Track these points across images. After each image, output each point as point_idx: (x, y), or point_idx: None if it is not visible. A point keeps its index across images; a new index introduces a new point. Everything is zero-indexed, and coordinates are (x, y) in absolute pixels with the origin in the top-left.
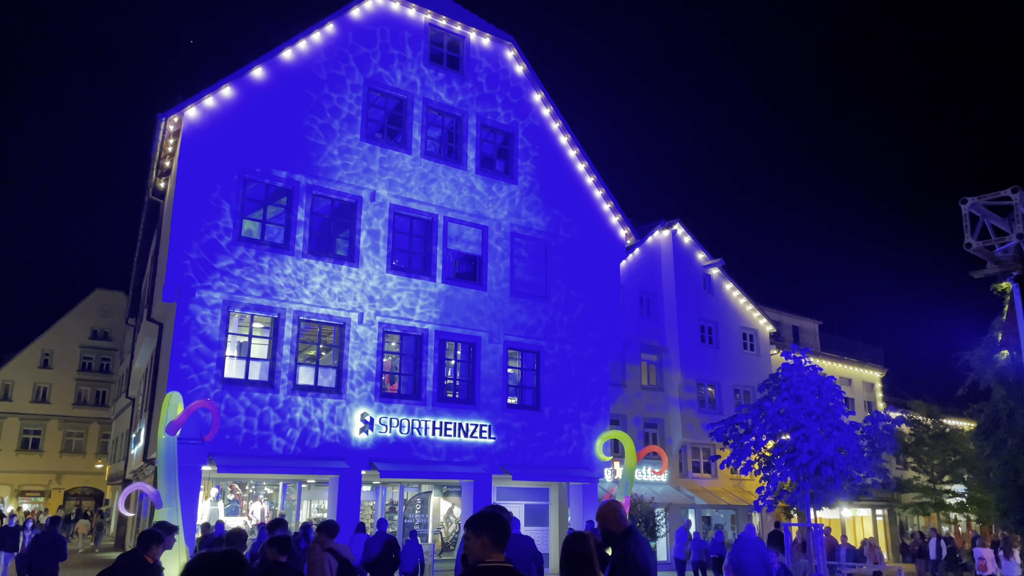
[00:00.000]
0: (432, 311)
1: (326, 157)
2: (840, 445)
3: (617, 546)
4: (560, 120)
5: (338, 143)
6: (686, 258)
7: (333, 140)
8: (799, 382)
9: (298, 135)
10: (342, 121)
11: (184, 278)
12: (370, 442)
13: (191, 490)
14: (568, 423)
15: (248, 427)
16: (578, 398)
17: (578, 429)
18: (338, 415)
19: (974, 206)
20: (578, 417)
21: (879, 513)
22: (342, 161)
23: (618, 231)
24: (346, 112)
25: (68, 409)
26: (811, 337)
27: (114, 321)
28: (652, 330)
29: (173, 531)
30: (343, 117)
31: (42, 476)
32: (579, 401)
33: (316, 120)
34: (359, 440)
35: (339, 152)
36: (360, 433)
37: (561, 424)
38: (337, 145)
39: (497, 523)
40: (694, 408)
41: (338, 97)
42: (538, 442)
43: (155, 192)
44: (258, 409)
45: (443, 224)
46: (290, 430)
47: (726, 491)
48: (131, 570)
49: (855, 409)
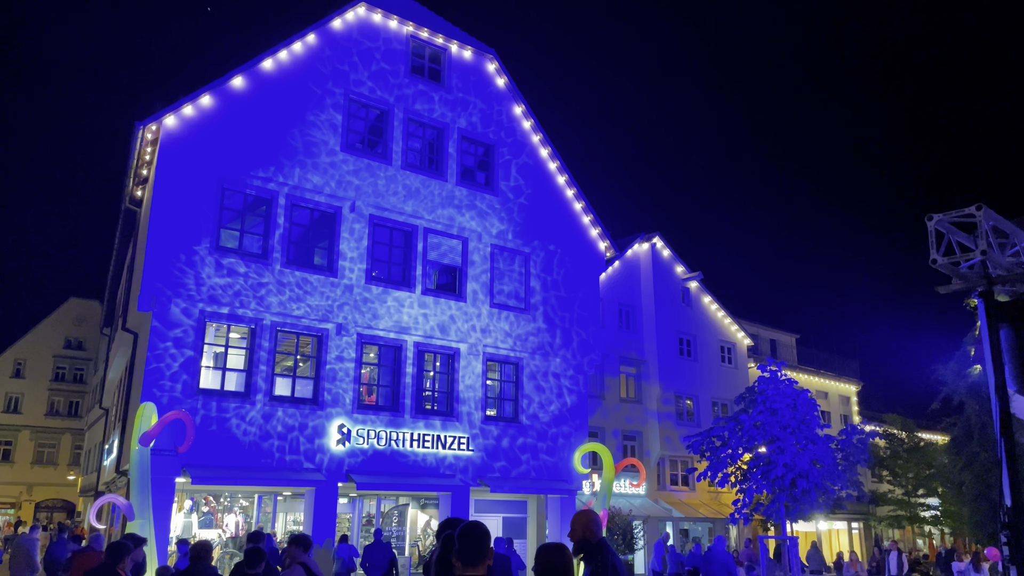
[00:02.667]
0: (411, 322)
1: (305, 167)
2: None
3: (593, 556)
4: (541, 133)
5: (318, 153)
6: (665, 271)
7: (313, 150)
8: (775, 395)
9: (278, 145)
10: (322, 131)
11: (160, 287)
12: (347, 453)
13: (164, 502)
14: (547, 435)
15: (223, 438)
16: (557, 410)
17: (557, 441)
18: (315, 426)
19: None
20: (557, 429)
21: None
22: (322, 171)
23: (598, 244)
24: (326, 122)
25: (40, 419)
26: (788, 351)
27: (88, 330)
28: (631, 343)
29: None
30: (323, 127)
31: (13, 488)
32: (558, 413)
33: (296, 130)
34: (336, 452)
35: (319, 162)
36: (337, 445)
37: (540, 436)
38: (317, 155)
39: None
40: (672, 420)
41: (318, 107)
42: (517, 454)
43: (132, 200)
44: (234, 420)
45: (423, 235)
46: (266, 442)
47: (703, 504)
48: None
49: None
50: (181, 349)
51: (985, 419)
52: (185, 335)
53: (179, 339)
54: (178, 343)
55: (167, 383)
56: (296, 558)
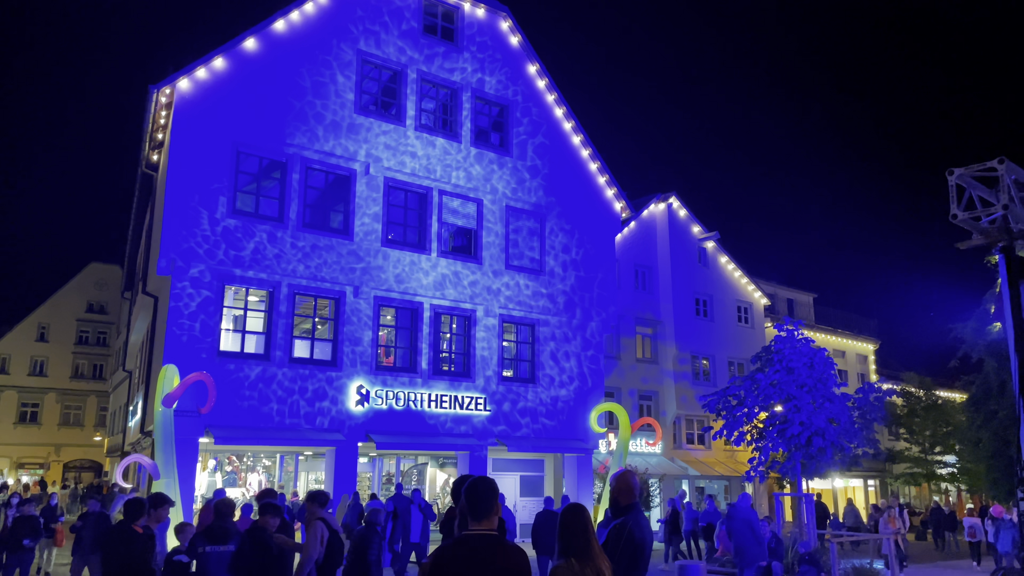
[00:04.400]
0: (427, 284)
1: (320, 130)
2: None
3: (617, 518)
4: (555, 92)
5: (332, 115)
6: (681, 231)
7: (327, 112)
8: (791, 354)
9: (291, 107)
10: (335, 93)
11: (178, 251)
12: (366, 414)
13: (188, 462)
14: (563, 395)
15: (244, 399)
16: (573, 371)
17: (573, 401)
18: (334, 387)
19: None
20: (573, 389)
21: (871, 483)
22: (335, 134)
23: (613, 204)
24: (339, 84)
25: (65, 382)
26: (806, 310)
27: (110, 295)
28: (647, 303)
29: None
30: (336, 89)
31: (41, 448)
32: (574, 374)
33: (309, 92)
34: (355, 412)
35: (333, 125)
36: (356, 405)
37: (556, 396)
38: (331, 117)
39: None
40: (688, 380)
41: (331, 69)
42: (533, 414)
43: (148, 165)
44: (255, 382)
45: (438, 197)
46: (286, 402)
47: (719, 462)
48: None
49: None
50: (200, 312)
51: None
52: (204, 298)
53: (198, 302)
54: (198, 306)
55: (188, 345)
56: (316, 514)
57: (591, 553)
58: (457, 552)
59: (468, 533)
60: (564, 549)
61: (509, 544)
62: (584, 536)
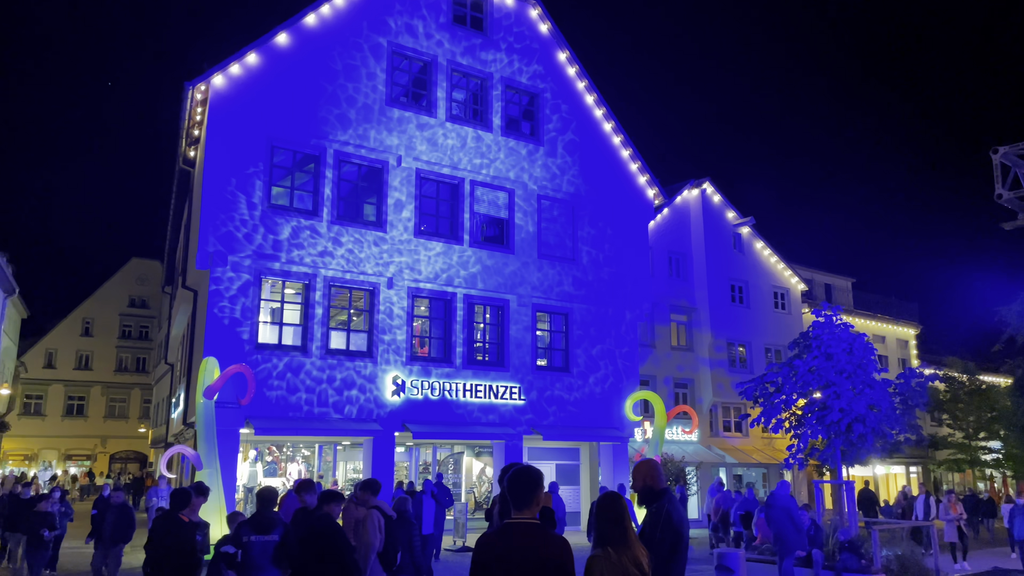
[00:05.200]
0: (460, 275)
1: (351, 122)
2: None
3: (651, 503)
4: (586, 79)
5: (363, 108)
6: (716, 217)
7: (358, 105)
8: (830, 340)
9: (323, 101)
10: (367, 86)
11: (216, 246)
12: (402, 404)
13: (230, 452)
14: (597, 384)
15: (283, 391)
16: (607, 359)
17: (607, 390)
18: (370, 378)
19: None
20: (607, 378)
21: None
22: (367, 126)
23: (646, 191)
24: (370, 76)
25: (110, 375)
26: (844, 295)
27: (151, 289)
28: (681, 290)
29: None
30: (367, 81)
31: (88, 440)
32: (608, 362)
33: (341, 85)
34: (391, 402)
35: (364, 117)
36: (392, 396)
37: (590, 385)
38: (362, 110)
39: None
40: (724, 368)
41: (362, 61)
42: (568, 403)
43: (185, 161)
44: (292, 373)
45: (469, 188)
46: (324, 393)
47: (757, 449)
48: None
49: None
50: (239, 305)
51: None
52: (242, 292)
53: (236, 296)
54: (236, 299)
55: (227, 338)
56: (370, 503)
57: (628, 541)
58: (497, 541)
59: (509, 522)
60: (600, 538)
61: (550, 533)
62: (620, 524)
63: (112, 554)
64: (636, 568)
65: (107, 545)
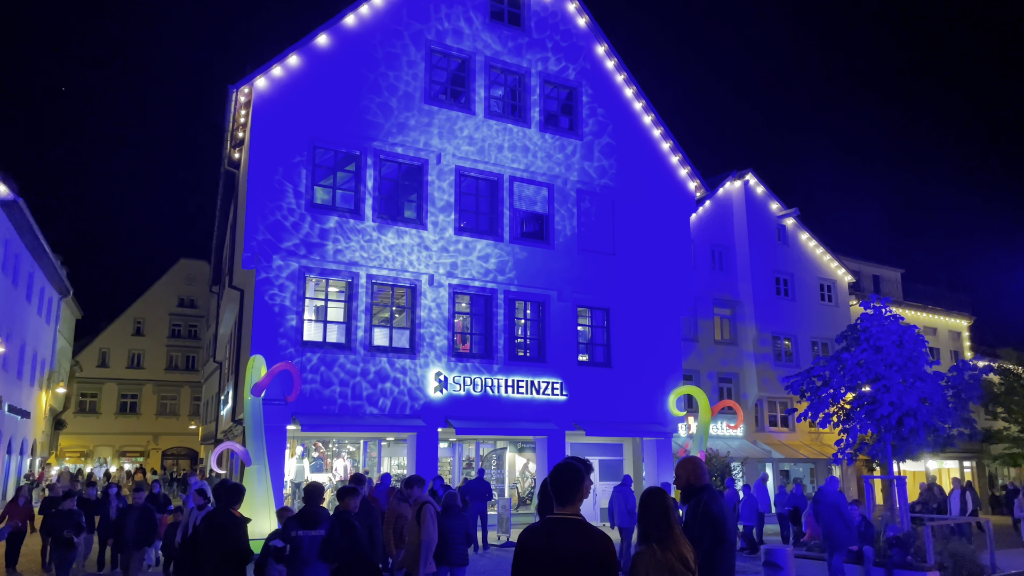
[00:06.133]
0: (500, 271)
1: (391, 121)
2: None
3: (692, 498)
4: (625, 72)
5: (402, 107)
6: (759, 209)
7: (397, 104)
8: (879, 332)
9: (363, 100)
10: (405, 84)
11: (261, 246)
12: (445, 400)
13: (277, 448)
14: (640, 379)
15: (327, 387)
16: (649, 354)
17: (650, 385)
18: (413, 374)
19: None
20: (650, 373)
21: (966, 465)
22: (406, 124)
23: (687, 184)
24: (409, 75)
25: (161, 374)
26: (893, 286)
27: (199, 289)
28: (725, 284)
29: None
30: (406, 80)
31: (140, 437)
32: (650, 357)
33: (380, 84)
34: (434, 398)
35: (403, 116)
36: (435, 392)
37: (633, 380)
38: (401, 109)
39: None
40: (770, 362)
41: (401, 59)
42: (610, 398)
43: (230, 163)
44: (336, 370)
45: (508, 184)
46: (367, 390)
47: (804, 444)
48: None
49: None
50: (284, 304)
51: None
52: (287, 291)
53: (281, 295)
54: (281, 298)
55: (273, 336)
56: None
57: (673, 538)
58: (538, 536)
59: (552, 517)
60: (645, 535)
61: (593, 529)
62: (665, 521)
63: (135, 559)
64: (682, 564)
65: (130, 549)
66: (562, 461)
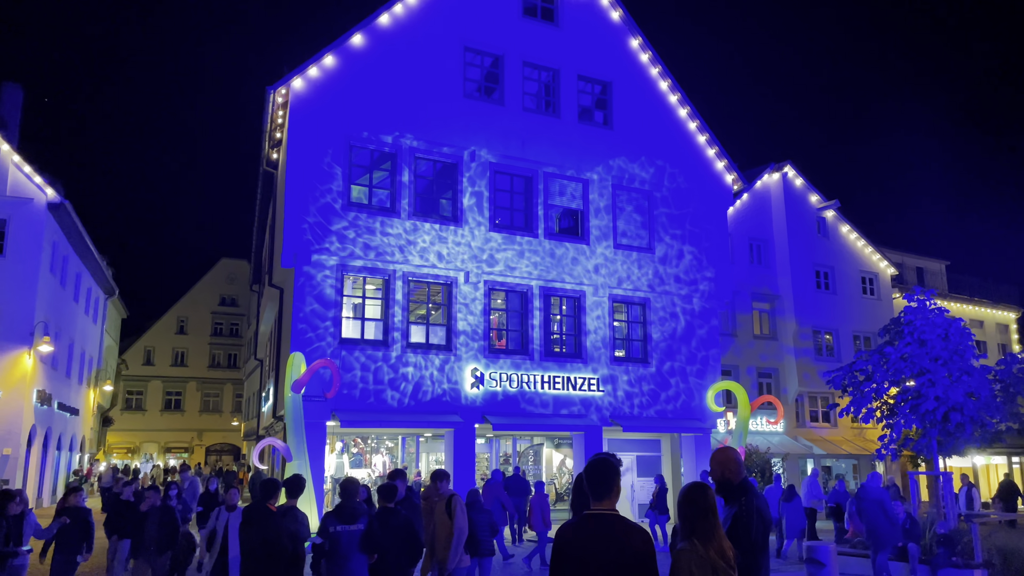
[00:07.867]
0: (536, 267)
1: (426, 119)
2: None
3: (735, 496)
4: (660, 65)
5: (436, 105)
6: (798, 201)
7: (432, 102)
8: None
9: (398, 99)
10: (440, 82)
11: (300, 245)
12: (481, 396)
13: (317, 444)
14: (677, 374)
15: (366, 384)
16: (687, 349)
17: (688, 380)
18: (449, 371)
19: None
20: (688, 368)
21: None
22: (441, 122)
23: (724, 177)
24: (443, 73)
25: (204, 371)
26: (937, 278)
27: (240, 288)
28: (763, 277)
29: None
30: (440, 78)
31: (185, 434)
32: (688, 352)
33: (415, 83)
34: (471, 395)
35: (438, 113)
36: (471, 388)
37: (670, 376)
38: (435, 107)
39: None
40: (810, 356)
41: (435, 58)
42: (647, 394)
43: (268, 163)
44: (374, 367)
45: (543, 180)
46: (405, 386)
47: (846, 440)
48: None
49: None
50: (323, 302)
51: None
52: (325, 289)
53: (320, 293)
54: (320, 296)
55: (312, 334)
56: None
57: (715, 534)
58: (575, 532)
59: (588, 513)
60: (688, 531)
61: (631, 524)
62: (708, 517)
63: (157, 566)
64: (723, 560)
65: (151, 555)
66: (595, 456)
